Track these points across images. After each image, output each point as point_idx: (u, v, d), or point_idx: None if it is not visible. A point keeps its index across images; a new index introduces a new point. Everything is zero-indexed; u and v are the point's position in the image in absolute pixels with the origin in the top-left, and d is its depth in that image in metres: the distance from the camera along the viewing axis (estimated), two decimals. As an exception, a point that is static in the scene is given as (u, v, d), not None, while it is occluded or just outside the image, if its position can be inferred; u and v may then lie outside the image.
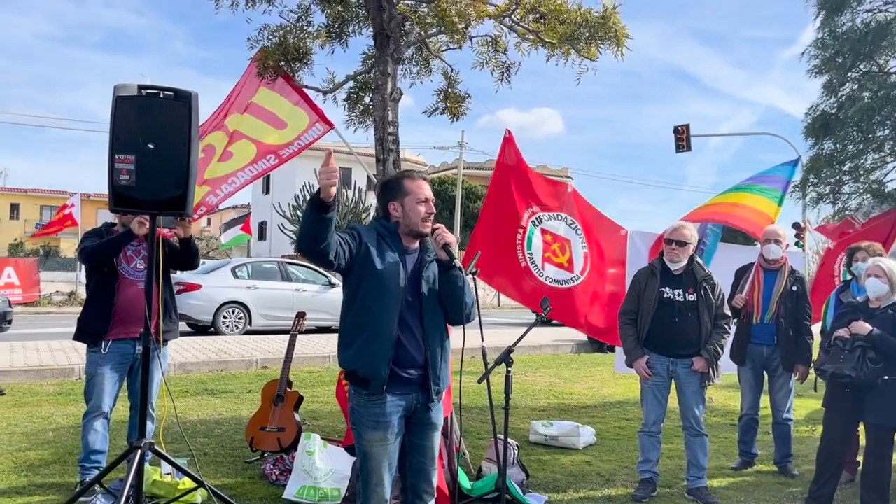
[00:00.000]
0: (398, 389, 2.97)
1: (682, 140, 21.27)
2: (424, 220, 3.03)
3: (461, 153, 34.14)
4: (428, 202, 3.05)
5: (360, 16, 5.81)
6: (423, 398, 3.03)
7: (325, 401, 7.83)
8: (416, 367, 3.00)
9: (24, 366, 8.80)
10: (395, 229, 3.06)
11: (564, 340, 13.70)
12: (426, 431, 3.10)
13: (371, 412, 2.96)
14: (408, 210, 3.03)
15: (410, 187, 3.06)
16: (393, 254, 2.99)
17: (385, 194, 3.12)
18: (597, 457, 5.86)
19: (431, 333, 3.03)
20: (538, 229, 5.87)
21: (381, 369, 2.92)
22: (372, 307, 2.94)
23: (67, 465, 5.02)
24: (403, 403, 3.00)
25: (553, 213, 5.96)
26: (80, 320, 4.51)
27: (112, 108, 3.45)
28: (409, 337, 2.98)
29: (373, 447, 2.98)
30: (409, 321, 2.98)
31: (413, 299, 3.00)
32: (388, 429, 2.96)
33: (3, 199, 52.40)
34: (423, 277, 3.04)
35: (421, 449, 3.10)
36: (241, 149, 5.64)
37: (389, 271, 2.95)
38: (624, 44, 5.06)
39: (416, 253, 3.09)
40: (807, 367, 5.45)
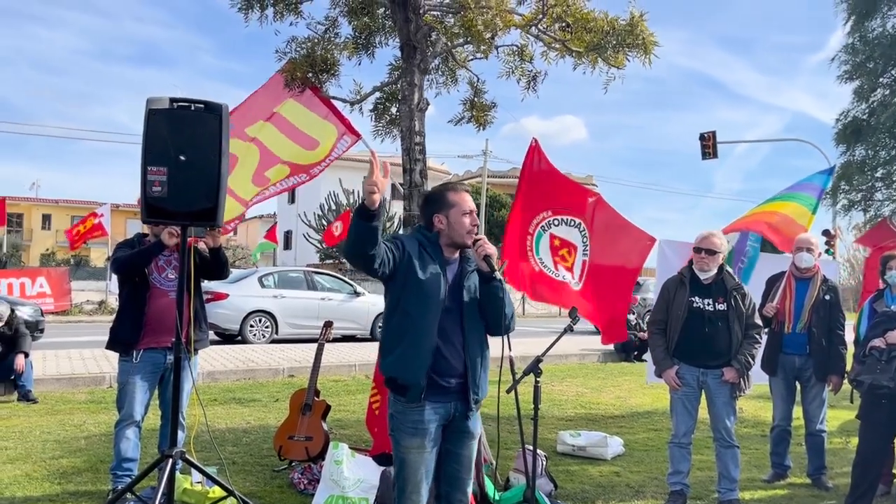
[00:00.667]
0: (437, 398, 3.00)
1: (708, 147, 21.13)
2: (469, 232, 3.08)
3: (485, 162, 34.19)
4: (472, 214, 3.10)
5: (387, 27, 5.85)
6: (461, 407, 3.06)
7: (351, 410, 7.85)
8: (455, 376, 3.03)
9: (57, 374, 8.94)
10: (435, 240, 3.11)
11: (591, 350, 13.61)
12: (463, 440, 3.12)
13: (409, 419, 2.99)
14: (453, 222, 3.08)
15: (455, 199, 3.11)
16: (434, 264, 3.04)
17: (429, 207, 3.18)
18: (625, 468, 5.80)
19: (471, 343, 3.06)
20: (547, 234, 5.86)
21: (419, 378, 2.96)
22: (412, 315, 2.99)
23: (99, 472, 5.08)
24: (442, 412, 3.03)
25: (568, 217, 5.93)
26: (112, 330, 4.57)
27: (145, 120, 3.50)
28: (448, 346, 3.01)
29: (410, 454, 3.00)
30: (449, 330, 3.02)
31: (453, 309, 3.04)
32: (426, 436, 2.99)
33: (35, 210, 53.43)
34: (464, 287, 3.09)
35: (457, 457, 3.12)
36: (277, 172, 5.72)
37: (431, 281, 3.00)
38: (652, 51, 5.03)
39: (457, 263, 3.14)
40: (840, 377, 5.35)
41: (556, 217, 5.89)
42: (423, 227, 3.17)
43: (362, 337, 15.42)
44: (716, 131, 21.08)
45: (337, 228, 22.09)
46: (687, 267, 4.93)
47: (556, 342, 3.75)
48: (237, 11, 5.52)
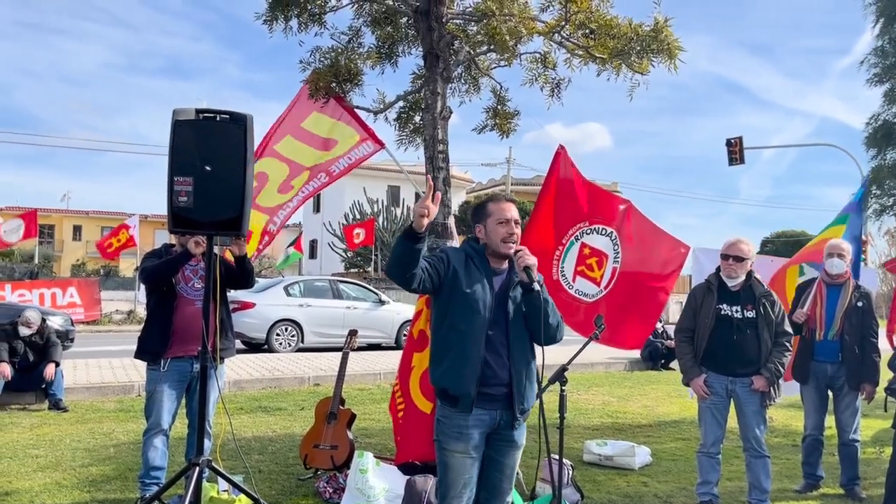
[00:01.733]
0: (482, 405, 3.04)
1: (735, 153, 20.93)
2: (505, 241, 3.11)
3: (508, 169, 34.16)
4: (508, 223, 3.11)
5: (410, 36, 5.88)
6: (506, 416, 3.09)
7: (377, 418, 7.85)
8: (500, 385, 3.06)
9: (87, 383, 9.05)
10: (482, 250, 3.16)
11: (617, 358, 13.48)
12: (507, 449, 3.15)
13: (455, 423, 3.04)
14: (489, 231, 3.13)
15: (493, 209, 3.16)
16: (480, 275, 3.08)
17: (473, 218, 3.25)
18: (653, 478, 5.72)
19: (517, 352, 3.08)
20: (579, 242, 5.80)
21: (469, 389, 3.00)
22: (460, 328, 3.03)
23: (128, 480, 5.13)
24: (487, 419, 3.06)
25: (600, 226, 5.87)
26: (140, 339, 4.61)
27: (171, 131, 3.54)
28: (494, 356, 3.05)
29: (454, 458, 3.05)
30: (496, 340, 3.05)
31: (500, 319, 3.07)
32: (469, 441, 3.03)
33: (66, 221, 54.35)
34: (511, 297, 3.11)
35: (499, 465, 3.15)
36: (300, 179, 5.77)
37: (476, 293, 3.03)
38: (677, 56, 5.00)
39: (505, 273, 3.16)
40: (874, 385, 5.24)
41: (591, 226, 5.84)
42: (473, 238, 3.23)
43: (387, 345, 15.45)
44: (742, 137, 20.89)
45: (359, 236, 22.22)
46: (714, 274, 4.86)
47: (581, 350, 3.72)
48: (262, 24, 5.58)
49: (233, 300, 14.41)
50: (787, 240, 42.63)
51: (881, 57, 9.23)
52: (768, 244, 42.78)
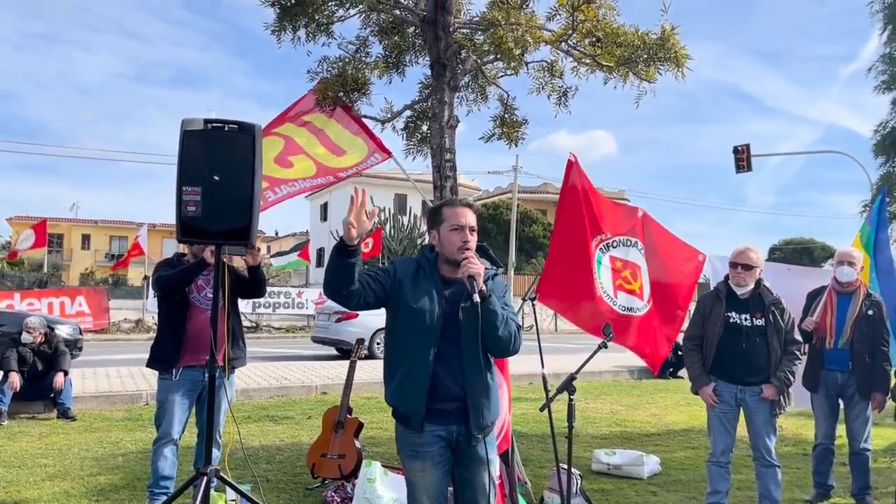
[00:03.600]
0: (436, 420, 2.89)
1: (742, 160, 20.84)
2: (459, 249, 2.91)
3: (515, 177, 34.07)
4: (462, 230, 2.93)
5: (417, 45, 5.90)
6: (464, 431, 2.92)
7: (384, 427, 7.83)
8: (454, 400, 2.90)
9: (95, 392, 9.08)
10: (433, 259, 3.01)
11: (624, 366, 13.42)
12: (473, 466, 2.99)
13: (409, 441, 2.93)
14: (443, 238, 2.97)
15: (447, 214, 2.98)
16: (429, 286, 2.92)
17: (428, 222, 3.10)
18: (663, 487, 5.69)
19: (470, 366, 2.89)
20: (606, 256, 5.75)
21: (418, 407, 2.87)
22: (406, 343, 2.90)
23: (136, 490, 5.13)
24: (443, 434, 2.91)
25: (622, 237, 5.84)
26: (152, 348, 4.61)
27: (180, 141, 3.56)
28: (446, 369, 2.88)
29: (414, 476, 2.94)
30: (447, 353, 2.88)
31: (452, 331, 2.90)
32: (427, 458, 2.89)
33: (75, 230, 54.65)
34: (462, 307, 2.90)
35: (470, 484, 3.01)
36: (301, 162, 5.72)
37: (423, 306, 2.87)
38: (684, 64, 4.99)
39: (460, 282, 2.92)
40: (885, 394, 5.20)
41: (614, 238, 5.80)
42: (428, 247, 3.07)
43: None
44: (749, 144, 20.80)
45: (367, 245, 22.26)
46: (723, 282, 4.84)
47: (589, 359, 3.71)
48: (270, 34, 5.61)
49: (337, 311, 14.55)
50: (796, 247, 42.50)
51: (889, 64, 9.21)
52: (777, 251, 42.63)
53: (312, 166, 5.70)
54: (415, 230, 35.29)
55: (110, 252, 53.63)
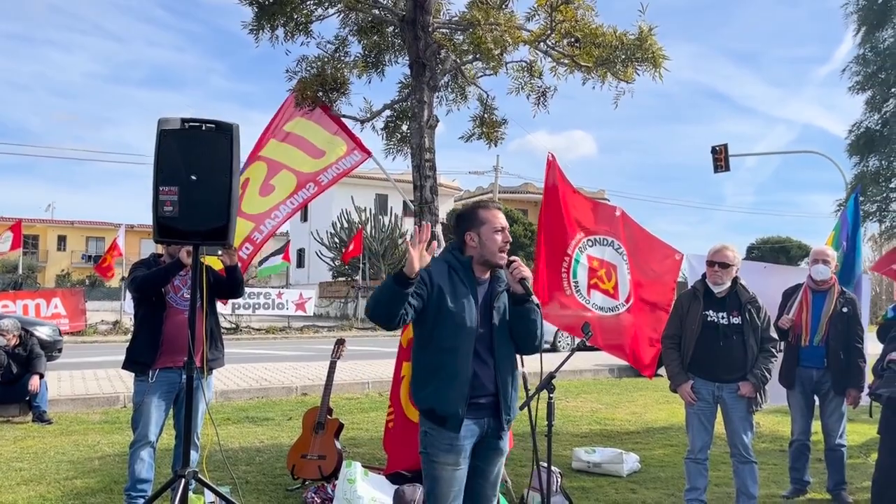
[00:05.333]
0: (472, 415, 2.99)
1: (720, 160, 21.05)
2: (501, 250, 3.04)
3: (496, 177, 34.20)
4: (504, 231, 3.06)
5: (397, 45, 5.89)
6: (493, 424, 3.05)
7: (365, 427, 7.82)
8: (487, 395, 3.02)
9: (72, 394, 8.97)
10: (468, 263, 3.07)
11: (605, 365, 13.51)
12: (493, 457, 3.12)
13: (445, 436, 2.98)
14: (484, 240, 3.04)
15: (486, 217, 3.07)
16: (465, 289, 3.01)
17: (461, 225, 3.14)
18: (642, 484, 5.73)
19: (502, 363, 3.04)
20: (584, 255, 5.78)
21: (458, 409, 2.95)
22: (447, 347, 2.96)
23: (113, 493, 5.08)
24: (477, 429, 3.02)
25: (600, 236, 5.87)
26: (128, 350, 4.57)
27: (156, 141, 3.52)
28: (481, 366, 3.00)
29: (445, 471, 2.99)
30: (481, 351, 3.00)
31: (485, 330, 3.02)
32: (461, 453, 2.98)
33: (51, 231, 53.94)
34: (495, 308, 3.06)
35: (484, 473, 3.12)
36: (282, 180, 5.73)
37: (463, 309, 2.97)
38: (661, 65, 5.03)
39: (487, 283, 3.10)
40: (859, 390, 5.27)
41: (588, 237, 5.83)
42: (456, 248, 3.13)
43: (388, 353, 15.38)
44: (727, 144, 21.02)
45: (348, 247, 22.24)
46: (700, 281, 4.88)
47: (568, 358, 3.72)
48: (248, 33, 5.57)
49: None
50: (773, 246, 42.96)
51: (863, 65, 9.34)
52: (754, 250, 43.06)
53: (293, 179, 5.70)
54: (396, 230, 35.22)
55: (87, 253, 53.00)
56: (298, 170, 5.72)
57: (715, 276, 4.73)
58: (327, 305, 34.66)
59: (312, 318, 27.08)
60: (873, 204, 9.31)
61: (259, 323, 24.84)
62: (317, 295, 30.31)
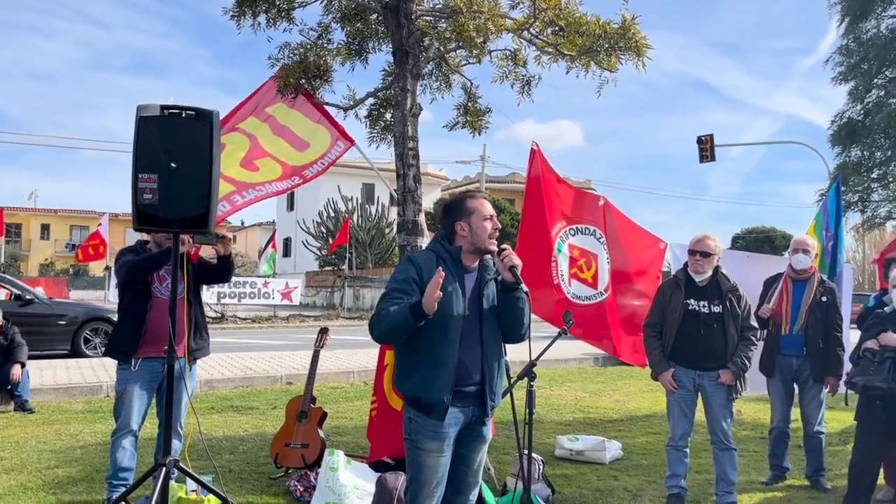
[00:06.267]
0: (457, 403, 3.01)
1: (705, 150, 21.16)
2: (491, 237, 3.09)
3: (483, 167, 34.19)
4: (493, 219, 3.11)
5: (380, 32, 5.85)
6: (478, 412, 3.08)
7: (349, 417, 7.83)
8: (473, 383, 3.05)
9: (54, 384, 8.91)
10: (456, 254, 3.10)
11: (589, 354, 13.56)
12: (475, 444, 3.15)
13: (431, 423, 3.01)
14: (475, 228, 3.08)
15: (474, 206, 3.12)
16: (452, 278, 3.02)
17: (450, 215, 3.17)
18: (624, 472, 5.78)
19: (490, 351, 3.08)
20: (566, 244, 5.80)
21: (444, 398, 2.97)
22: (434, 336, 2.98)
23: (95, 482, 5.06)
24: (462, 416, 3.05)
25: (582, 225, 5.89)
26: (111, 337, 4.56)
27: (135, 127, 3.49)
28: (468, 354, 3.02)
29: (429, 457, 3.01)
30: (469, 340, 3.03)
31: (473, 318, 3.05)
32: (446, 440, 3.01)
33: (34, 220, 53.45)
34: (483, 296, 3.09)
35: (467, 460, 3.15)
36: (266, 165, 5.69)
37: (450, 298, 2.98)
38: (644, 54, 5.03)
39: (476, 271, 3.13)
40: (837, 378, 5.33)
41: (570, 226, 5.84)
42: (444, 238, 3.16)
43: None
44: (713, 135, 21.13)
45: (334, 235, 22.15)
46: (682, 269, 4.92)
47: (549, 346, 3.74)
48: (229, 19, 5.52)
49: None
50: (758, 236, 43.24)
51: (846, 55, 9.39)
52: (739, 240, 43.33)
53: (278, 168, 5.66)
54: (383, 219, 35.16)
55: (71, 242, 52.56)
56: (284, 161, 5.68)
57: (696, 265, 4.76)
58: (314, 295, 34.60)
59: (299, 307, 27.03)
60: (855, 194, 9.38)
61: (245, 312, 24.75)
62: (303, 284, 30.21)
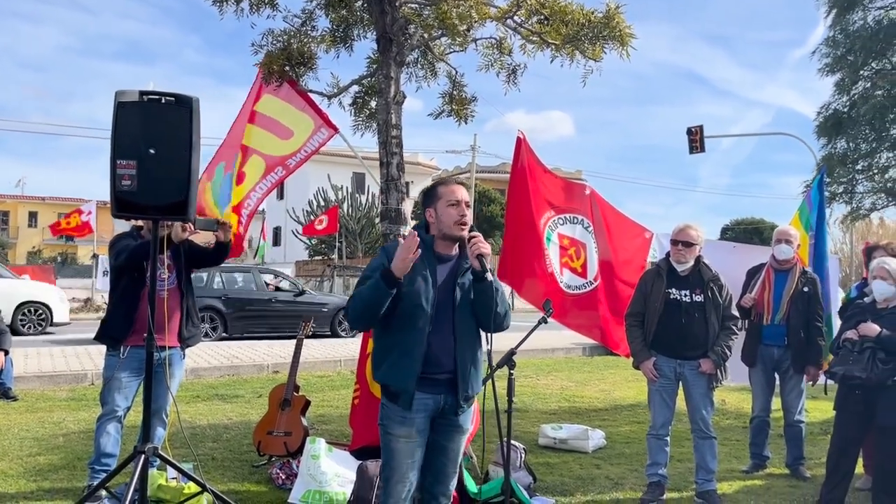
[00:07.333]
0: (427, 390, 3.01)
1: (695, 141, 21.18)
2: (457, 223, 3.04)
3: (473, 157, 34.12)
4: (459, 205, 3.06)
5: (365, 20, 5.81)
6: (451, 400, 3.06)
7: (335, 405, 7.84)
8: (444, 372, 3.03)
9: (38, 371, 8.87)
10: (430, 240, 3.08)
11: (577, 343, 13.61)
12: (452, 433, 3.13)
13: (399, 409, 3.01)
14: (440, 214, 3.07)
15: (442, 192, 3.10)
16: (422, 267, 3.00)
17: (423, 202, 3.18)
18: (606, 460, 5.81)
19: (462, 340, 3.05)
20: (555, 233, 5.81)
21: (410, 386, 2.97)
22: (402, 325, 2.98)
23: (76, 469, 5.05)
24: (430, 403, 3.03)
25: (570, 215, 5.89)
26: (102, 322, 4.54)
27: (113, 113, 3.45)
28: (439, 342, 3.01)
29: (398, 443, 3.02)
30: (441, 328, 3.01)
31: (445, 306, 3.03)
32: (414, 426, 3.00)
33: (21, 207, 53.05)
34: (458, 284, 3.07)
35: (444, 450, 3.13)
36: (252, 165, 5.69)
37: (419, 290, 2.97)
38: (628, 43, 5.02)
39: (454, 259, 3.11)
40: (818, 368, 5.38)
41: (559, 216, 5.84)
42: (421, 226, 3.17)
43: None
44: (703, 126, 21.14)
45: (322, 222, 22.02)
46: (664, 259, 4.93)
47: (529, 335, 3.75)
48: (212, 4, 5.47)
49: None
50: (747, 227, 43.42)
51: (832, 47, 9.40)
52: (728, 231, 43.51)
53: (262, 164, 5.65)
54: (373, 209, 35.07)
55: (59, 230, 52.20)
56: (267, 153, 5.68)
57: (678, 254, 4.78)
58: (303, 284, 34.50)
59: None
60: (840, 185, 9.43)
61: (234, 301, 24.61)
62: (293, 273, 30.14)
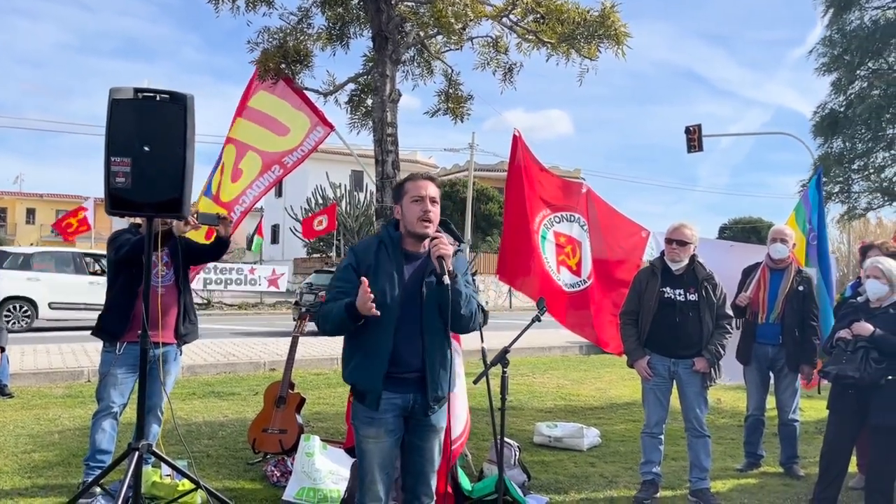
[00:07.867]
0: (394, 390, 2.97)
1: (693, 140, 21.15)
2: (420, 220, 2.97)
3: (471, 155, 34.06)
4: (423, 200, 2.98)
5: (361, 18, 5.81)
6: (420, 399, 3.01)
7: (331, 402, 7.84)
8: (412, 371, 2.99)
9: (34, 368, 8.87)
10: (397, 237, 3.04)
11: (574, 342, 13.60)
12: (426, 433, 3.09)
13: (366, 408, 3.00)
14: (405, 210, 3.02)
15: (409, 187, 3.05)
16: (390, 265, 2.97)
17: (393, 198, 3.18)
18: (601, 458, 5.82)
19: (430, 339, 3.00)
20: (551, 231, 5.81)
21: (376, 386, 2.95)
22: (368, 325, 2.93)
23: (71, 466, 5.05)
24: (399, 402, 2.99)
25: (566, 213, 5.90)
26: (100, 317, 4.54)
27: (108, 110, 3.45)
28: (406, 342, 2.96)
29: (367, 443, 3.00)
30: (408, 326, 2.96)
31: (411, 305, 2.97)
32: (381, 425, 2.97)
33: (19, 204, 52.93)
34: (426, 283, 2.99)
35: (420, 450, 3.10)
36: (249, 162, 5.69)
37: (384, 285, 2.93)
38: (623, 42, 5.02)
39: (423, 257, 3.04)
40: (812, 367, 5.39)
41: (555, 214, 5.84)
42: (391, 223, 3.13)
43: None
44: (701, 125, 21.11)
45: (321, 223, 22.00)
46: (659, 258, 4.94)
47: (522, 333, 3.75)
48: (207, 2, 5.47)
49: None
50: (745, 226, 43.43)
51: (829, 46, 9.41)
52: (726, 230, 43.52)
53: (258, 161, 5.66)
54: (371, 207, 35.02)
55: (57, 228, 52.13)
56: (263, 150, 5.68)
57: (673, 253, 4.78)
58: (301, 282, 34.48)
59: (286, 294, 26.95)
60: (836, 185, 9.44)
61: (232, 299, 24.68)
62: (290, 271, 30.15)
